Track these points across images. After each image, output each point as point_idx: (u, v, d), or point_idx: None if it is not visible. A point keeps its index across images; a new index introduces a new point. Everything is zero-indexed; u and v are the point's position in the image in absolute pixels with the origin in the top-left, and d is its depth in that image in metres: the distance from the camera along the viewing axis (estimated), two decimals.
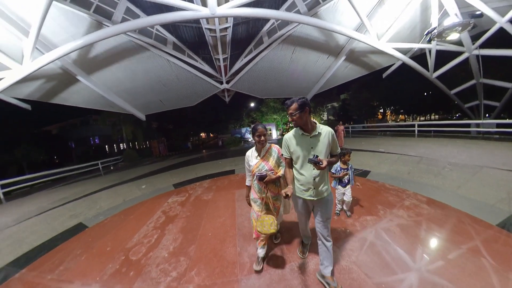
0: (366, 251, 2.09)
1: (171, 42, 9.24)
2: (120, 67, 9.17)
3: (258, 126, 1.85)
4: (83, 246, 2.83)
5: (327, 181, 1.69)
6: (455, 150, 5.79)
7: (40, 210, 4.84)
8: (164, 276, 2.03)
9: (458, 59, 9.36)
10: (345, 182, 2.75)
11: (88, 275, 2.19)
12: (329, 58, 11.79)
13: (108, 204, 4.62)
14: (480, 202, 2.82)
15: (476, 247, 2.02)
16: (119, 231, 3.17)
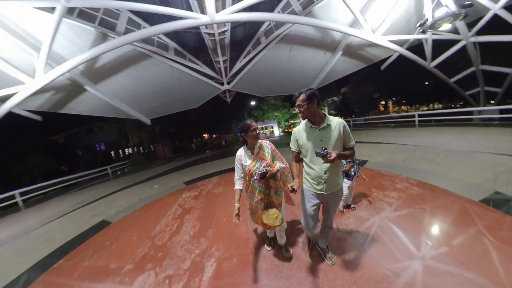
0: (356, 224, 2.40)
1: (173, 48, 9.59)
2: (124, 75, 9.56)
3: (249, 121, 1.77)
4: (111, 238, 3.18)
5: (340, 175, 1.65)
6: (452, 137, 5.99)
7: (62, 213, 5.25)
8: (188, 253, 2.36)
9: (456, 47, 9.47)
10: (351, 175, 2.63)
11: (121, 259, 2.52)
12: (326, 53, 12.01)
13: (125, 203, 4.99)
14: (468, 183, 3.02)
15: (456, 218, 2.24)
16: (142, 224, 3.51)
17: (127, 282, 2.06)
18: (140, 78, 10.13)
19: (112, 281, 2.14)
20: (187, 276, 1.99)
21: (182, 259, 2.27)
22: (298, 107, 1.50)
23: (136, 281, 2.06)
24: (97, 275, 2.29)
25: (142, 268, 2.25)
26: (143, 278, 2.07)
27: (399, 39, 9.02)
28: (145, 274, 2.14)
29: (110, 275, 2.24)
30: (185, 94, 12.97)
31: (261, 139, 1.92)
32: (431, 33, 9.23)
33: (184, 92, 12.67)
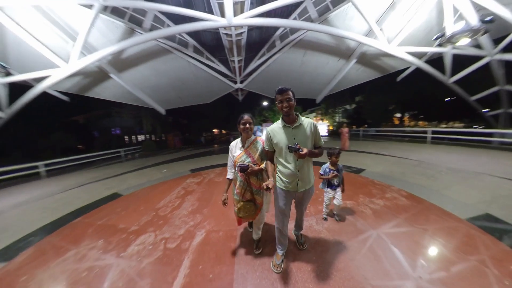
0: (337, 223, 2.62)
1: (192, 46, 10.21)
2: (146, 67, 10.32)
3: (245, 114, 1.80)
4: (121, 206, 3.69)
5: (312, 173, 1.71)
6: (461, 157, 5.87)
7: (79, 184, 5.95)
8: (184, 224, 2.80)
9: (479, 63, 8.94)
10: (335, 184, 2.47)
11: (128, 222, 3.00)
12: (340, 60, 12.06)
13: (135, 182, 5.56)
14: (459, 201, 2.95)
15: (434, 231, 2.25)
16: (149, 198, 4.01)
17: (131, 239, 2.52)
18: (160, 71, 10.86)
19: (120, 236, 2.60)
20: (180, 240, 2.41)
21: (178, 227, 2.70)
22: (285, 102, 1.48)
23: (138, 238, 2.52)
24: (108, 231, 2.77)
25: (144, 230, 2.71)
26: (145, 237, 2.53)
27: (417, 51, 8.79)
28: (146, 234, 2.60)
29: (118, 232, 2.72)
30: (200, 89, 13.65)
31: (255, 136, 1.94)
32: (451, 47, 8.87)
33: (198, 87, 13.34)
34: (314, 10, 8.86)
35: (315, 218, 2.74)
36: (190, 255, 2.09)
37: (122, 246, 2.37)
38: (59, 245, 2.53)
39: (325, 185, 2.58)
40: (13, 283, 1.90)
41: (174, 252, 2.16)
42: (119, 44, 7.17)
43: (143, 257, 2.12)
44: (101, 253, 2.27)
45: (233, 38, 9.70)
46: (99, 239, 2.56)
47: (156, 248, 2.27)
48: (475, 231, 2.22)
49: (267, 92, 16.13)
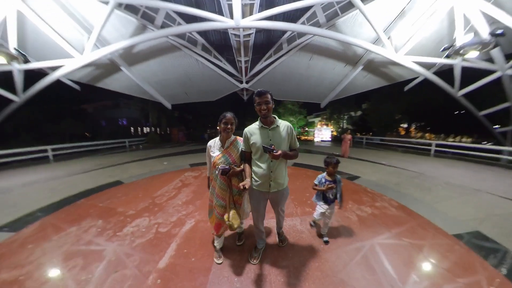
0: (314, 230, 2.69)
1: (201, 44, 10.45)
2: (155, 62, 10.64)
3: (227, 113, 1.72)
4: (121, 192, 3.94)
5: (285, 175, 1.74)
6: (462, 172, 5.76)
7: (84, 170, 6.26)
8: (177, 212, 3.02)
9: (489, 78, 8.74)
10: (330, 198, 2.14)
11: (127, 206, 3.24)
12: (346, 66, 12.05)
13: (137, 171, 5.84)
14: (451, 216, 2.88)
15: (417, 243, 2.22)
16: (148, 187, 4.27)
17: (128, 221, 2.75)
18: (168, 66, 11.16)
19: (118, 218, 2.85)
20: (171, 226, 2.62)
21: (171, 215, 2.91)
22: (263, 104, 1.52)
23: (134, 221, 2.75)
24: (107, 213, 3.02)
25: (140, 214, 2.95)
26: (140, 220, 2.76)
27: (424, 61, 8.59)
28: (141, 218, 2.84)
29: (116, 214, 2.96)
30: (206, 87, 13.91)
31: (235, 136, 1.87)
32: (460, 59, 8.62)
33: (205, 85, 13.61)
34: (322, 15, 8.93)
35: (300, 219, 2.84)
36: (178, 240, 2.29)
37: (119, 226, 2.60)
38: (63, 221, 2.78)
39: (319, 198, 2.21)
40: (21, 250, 2.15)
41: (164, 236, 2.37)
42: (131, 39, 7.48)
43: (136, 238, 2.33)
44: (100, 231, 2.50)
45: (241, 39, 9.89)
46: (99, 219, 2.81)
47: (149, 231, 2.48)
48: (460, 248, 2.15)
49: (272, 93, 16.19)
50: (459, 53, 6.50)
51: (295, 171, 5.74)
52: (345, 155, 8.58)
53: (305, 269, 1.82)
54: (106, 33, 8.16)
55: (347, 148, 8.61)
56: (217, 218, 1.82)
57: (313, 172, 5.71)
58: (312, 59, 11.37)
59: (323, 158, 2.21)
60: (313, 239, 2.33)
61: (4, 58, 5.17)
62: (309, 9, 8.94)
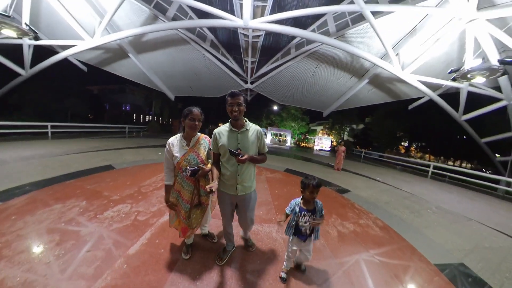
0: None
1: (210, 40, 10.56)
2: (163, 53, 10.76)
3: (193, 108, 1.60)
4: (111, 177, 4.01)
5: (253, 179, 1.72)
6: (457, 198, 5.69)
7: (80, 151, 6.37)
8: (159, 203, 3.07)
9: (494, 105, 8.81)
10: (305, 234, 1.67)
11: (113, 192, 3.31)
12: (352, 78, 12.02)
13: (131, 158, 5.93)
14: (437, 244, 2.78)
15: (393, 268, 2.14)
16: (137, 175, 4.34)
17: (110, 205, 2.82)
18: (176, 59, 11.29)
19: (102, 201, 2.91)
20: (150, 215, 2.68)
21: (153, 205, 2.97)
22: (235, 106, 1.49)
23: (116, 206, 2.81)
24: (93, 195, 3.09)
25: (124, 200, 3.01)
26: (122, 206, 2.82)
27: (431, 81, 8.52)
28: (124, 204, 2.90)
29: (101, 197, 3.03)
30: (210, 83, 14.04)
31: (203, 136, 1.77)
32: (467, 84, 8.65)
33: (209, 81, 13.73)
34: (333, 24, 8.97)
35: (277, 226, 2.72)
36: (153, 230, 2.34)
37: (100, 209, 2.66)
38: (49, 198, 2.86)
39: (290, 231, 1.70)
40: (4, 219, 2.23)
41: (141, 224, 2.42)
42: (142, 28, 7.59)
43: (114, 222, 2.39)
44: (82, 211, 2.57)
45: (250, 39, 9.98)
46: (84, 200, 2.88)
47: (128, 217, 2.54)
48: (439, 280, 2.03)
49: (275, 97, 16.33)
50: (466, 77, 6.28)
51: (285, 177, 5.72)
52: (338, 168, 8.11)
53: (269, 278, 1.79)
54: (118, 19, 8.28)
55: (341, 161, 8.10)
56: (184, 223, 1.75)
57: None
58: (319, 67, 11.41)
59: (319, 167, 2.13)
60: (285, 249, 2.17)
61: (14, 32, 5.26)
62: (321, 17, 9.00)
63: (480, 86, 8.59)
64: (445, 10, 6.22)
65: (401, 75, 8.44)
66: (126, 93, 30.70)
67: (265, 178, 5.28)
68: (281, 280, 1.76)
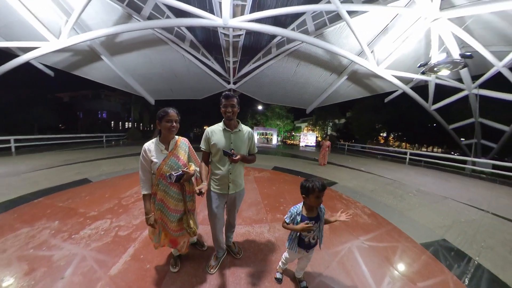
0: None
1: (189, 40, 10.24)
2: (140, 54, 10.22)
3: (169, 109, 1.48)
4: (87, 192, 3.68)
5: (242, 177, 1.79)
6: (433, 180, 6.19)
7: (50, 165, 5.78)
8: (142, 215, 2.85)
9: (457, 95, 9.81)
10: (310, 242, 1.50)
11: (90, 207, 3.03)
12: (332, 75, 12.54)
13: (110, 169, 5.50)
14: (420, 224, 2.98)
15: (385, 253, 2.24)
16: (117, 187, 4.02)
17: (87, 223, 2.56)
18: (154, 60, 10.79)
19: (77, 219, 2.64)
20: (132, 229, 2.48)
21: (135, 218, 2.77)
22: (229, 107, 1.54)
23: (94, 223, 2.56)
24: (67, 213, 2.79)
25: (102, 216, 2.76)
26: (100, 222, 2.58)
27: (402, 75, 9.35)
28: (103, 220, 2.66)
29: (76, 215, 2.74)
30: (192, 85, 13.65)
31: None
32: (434, 76, 9.50)
33: (191, 82, 13.35)
34: (312, 23, 9.24)
35: (269, 225, 2.72)
36: (137, 245, 2.16)
37: (76, 228, 2.41)
38: (14, 221, 2.52)
39: (293, 243, 1.52)
40: None
41: (123, 240, 2.23)
42: (115, 27, 7.11)
43: (92, 241, 2.17)
44: (53, 233, 2.29)
45: (231, 39, 9.86)
46: (56, 220, 2.58)
47: (108, 234, 2.33)
48: (426, 257, 2.19)
49: (259, 96, 16.38)
50: (433, 70, 7.18)
51: (274, 176, 5.73)
52: (322, 163, 7.99)
53: (264, 280, 1.75)
54: (87, 17, 7.68)
55: (325, 156, 7.95)
56: (172, 236, 1.63)
57: (292, 177, 5.76)
58: (300, 65, 11.65)
59: (305, 163, 2.09)
60: (278, 247, 2.24)
61: None
62: (300, 16, 9.18)
63: (445, 78, 9.48)
64: (412, 10, 6.79)
65: (377, 70, 9.07)
66: (101, 99, 28.72)
67: (253, 178, 5.25)
68: (277, 281, 1.72)
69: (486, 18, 6.78)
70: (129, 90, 13.60)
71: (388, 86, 12.36)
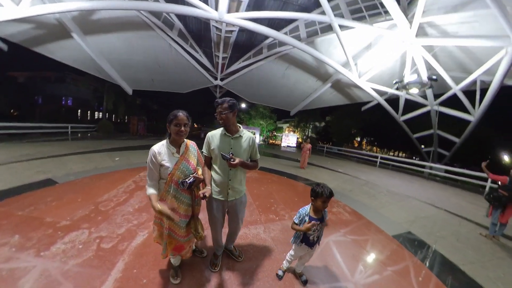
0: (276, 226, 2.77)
1: (177, 29, 9.58)
2: (120, 37, 9.20)
3: (179, 112, 1.43)
4: (53, 196, 3.14)
5: (243, 183, 1.76)
6: (399, 182, 7.19)
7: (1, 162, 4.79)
8: (127, 222, 2.56)
9: (422, 110, 11.04)
10: (313, 240, 1.68)
11: (59, 215, 2.58)
12: (317, 81, 13.13)
13: (79, 168, 4.83)
14: (391, 220, 3.54)
15: (365, 245, 2.64)
16: (91, 190, 3.52)
17: (58, 235, 2.16)
18: (136, 46, 9.82)
19: (44, 231, 2.20)
20: (117, 240, 2.18)
21: (119, 226, 2.45)
22: (220, 114, 1.55)
23: (68, 235, 2.17)
24: (30, 224, 2.32)
25: (77, 226, 2.37)
26: (76, 234, 2.20)
27: (379, 89, 10.38)
28: (79, 231, 2.27)
29: (43, 226, 2.30)
30: (177, 77, 12.85)
31: None
32: (405, 92, 10.61)
33: (176, 74, 12.55)
34: (304, 30, 9.45)
35: (263, 226, 2.81)
36: (126, 258, 1.92)
37: (45, 243, 2.02)
38: None
39: (298, 239, 1.72)
40: None
41: (108, 253, 1.95)
42: (93, 2, 6.20)
43: (69, 258, 1.84)
44: (14, 251, 1.88)
45: (223, 34, 9.51)
46: (15, 234, 2.12)
47: (88, 247, 2.01)
48: (397, 246, 2.70)
49: (246, 95, 16.26)
50: (405, 87, 8.43)
51: (261, 176, 5.77)
52: (303, 166, 7.83)
53: (267, 277, 1.88)
54: None
55: (305, 159, 7.79)
56: (179, 242, 1.57)
57: (278, 177, 5.92)
58: (288, 69, 11.84)
59: (288, 163, 2.23)
60: (275, 248, 2.36)
61: None
62: (293, 22, 9.29)
63: (414, 95, 10.63)
64: (393, 33, 7.57)
65: (358, 82, 9.92)
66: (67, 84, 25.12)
67: None
68: (278, 278, 1.89)
69: (449, 49, 8.02)
70: (102, 76, 12.15)
71: (366, 96, 13.42)
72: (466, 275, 2.21)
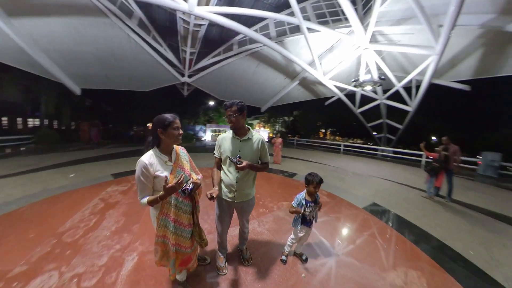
0: (275, 222, 2.84)
1: (137, 18, 8.45)
2: (62, 22, 7.57)
3: (171, 115, 1.35)
4: None
5: (252, 186, 1.75)
6: (361, 165, 8.50)
7: None
8: (107, 249, 2.14)
9: (374, 103, 13.33)
10: (310, 220, 2.01)
11: (8, 260, 1.91)
12: (286, 79, 13.79)
13: (20, 192, 3.79)
14: (359, 196, 4.35)
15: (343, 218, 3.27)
16: (45, 218, 2.78)
17: (15, 287, 1.67)
18: (84, 34, 8.19)
19: None
20: (102, 272, 1.82)
21: (98, 256, 2.04)
22: (229, 117, 1.56)
23: (30, 284, 1.68)
24: None
25: (40, 269, 1.83)
26: (42, 280, 1.70)
27: (341, 86, 11.75)
28: (44, 275, 1.76)
29: None
30: (137, 73, 11.35)
31: None
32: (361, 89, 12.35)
33: (136, 70, 11.08)
34: (274, 29, 9.69)
35: (257, 220, 2.95)
36: None
37: None
38: None
39: (298, 222, 1.99)
40: None
41: None
42: None
43: None
44: None
45: (190, 27, 8.85)
46: None
47: None
48: (367, 215, 3.39)
49: (216, 93, 15.78)
50: (361, 85, 10.07)
51: None
52: (278, 161, 7.62)
53: (274, 263, 2.06)
54: None
55: (279, 153, 7.62)
56: (186, 253, 1.49)
57: (265, 173, 6.07)
58: (259, 66, 11.97)
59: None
60: (273, 237, 2.54)
61: None
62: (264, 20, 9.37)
63: (367, 91, 12.39)
64: (351, 38, 8.79)
65: (322, 79, 11.05)
66: None
67: None
68: (283, 262, 2.12)
69: (394, 54, 10.00)
70: (37, 72, 9.69)
71: (329, 92, 14.97)
72: (417, 227, 3.03)
